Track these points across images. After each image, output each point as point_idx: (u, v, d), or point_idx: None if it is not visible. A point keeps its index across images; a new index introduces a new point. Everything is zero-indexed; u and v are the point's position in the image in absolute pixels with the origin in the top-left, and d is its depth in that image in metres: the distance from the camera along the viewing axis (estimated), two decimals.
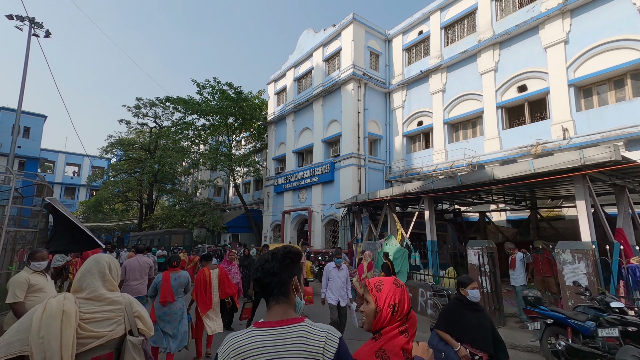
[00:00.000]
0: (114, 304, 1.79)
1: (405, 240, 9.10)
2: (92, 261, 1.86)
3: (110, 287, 1.84)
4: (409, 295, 1.43)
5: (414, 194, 8.49)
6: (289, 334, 1.10)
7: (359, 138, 16.30)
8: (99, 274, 1.81)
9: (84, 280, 1.77)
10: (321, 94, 18.11)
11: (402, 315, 1.35)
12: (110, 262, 1.91)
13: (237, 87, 21.12)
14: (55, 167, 39.84)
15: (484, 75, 13.52)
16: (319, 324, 1.20)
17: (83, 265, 1.86)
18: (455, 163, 13.71)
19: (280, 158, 22.05)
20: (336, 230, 17.01)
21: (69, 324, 1.58)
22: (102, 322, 1.71)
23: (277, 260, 1.23)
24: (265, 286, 1.22)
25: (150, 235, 22.29)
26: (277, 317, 1.17)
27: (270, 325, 1.13)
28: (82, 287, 1.76)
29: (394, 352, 1.29)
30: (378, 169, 16.96)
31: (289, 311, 1.20)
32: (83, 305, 1.70)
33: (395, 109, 17.28)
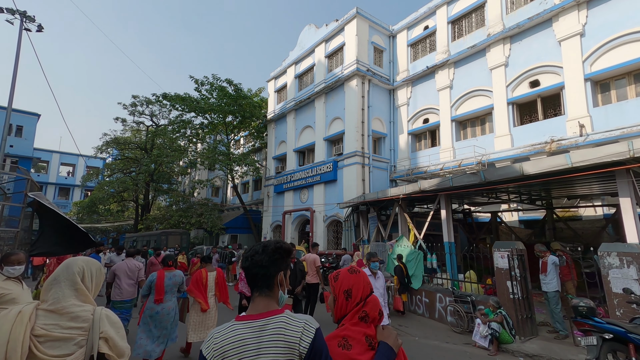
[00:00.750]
0: (77, 319, 1.45)
1: (419, 242, 8.51)
2: (63, 267, 1.56)
3: (82, 297, 1.52)
4: (367, 281, 1.42)
5: (431, 191, 7.90)
6: (268, 325, 1.14)
7: (363, 136, 15.71)
8: (67, 282, 1.51)
9: (49, 289, 1.49)
10: (323, 90, 17.51)
11: (357, 299, 1.37)
12: (84, 268, 1.58)
13: (236, 84, 20.45)
14: (49, 167, 38.83)
15: (494, 71, 12.99)
16: (299, 314, 1.23)
17: (55, 271, 1.57)
18: (464, 161, 13.16)
19: (281, 157, 21.41)
20: (339, 231, 16.40)
21: (21, 322, 1.34)
22: (59, 343, 1.40)
23: (267, 254, 1.26)
24: (252, 277, 1.26)
25: (146, 237, 21.49)
26: (259, 309, 1.21)
27: (252, 318, 1.17)
28: (47, 297, 1.48)
29: (357, 339, 1.28)
30: (382, 167, 16.38)
31: (271, 303, 1.23)
32: (40, 318, 1.41)
33: (399, 106, 16.72)
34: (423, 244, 8.39)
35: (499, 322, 5.13)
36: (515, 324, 5.27)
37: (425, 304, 7.40)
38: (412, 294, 7.83)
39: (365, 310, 1.34)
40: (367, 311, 1.33)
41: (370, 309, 1.34)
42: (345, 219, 14.88)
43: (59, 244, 6.31)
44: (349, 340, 1.27)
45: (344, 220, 14.93)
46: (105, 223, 31.71)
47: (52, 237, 6.30)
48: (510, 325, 5.15)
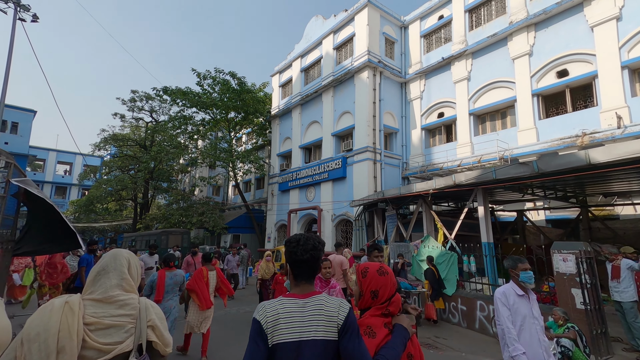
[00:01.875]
0: (125, 307, 1.42)
1: (450, 242, 7.59)
2: (109, 257, 1.54)
3: (127, 287, 1.50)
4: (393, 282, 1.56)
5: (467, 186, 6.99)
6: (310, 302, 1.38)
7: (374, 130, 14.80)
8: (116, 272, 1.49)
9: (98, 279, 1.46)
10: (331, 84, 16.59)
11: (383, 299, 1.53)
12: (129, 258, 1.57)
13: (240, 78, 19.47)
14: (45, 165, 37.65)
15: (517, 61, 12.12)
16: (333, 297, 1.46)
17: (98, 262, 1.54)
18: (485, 157, 12.28)
19: (286, 154, 20.45)
20: (349, 231, 15.47)
21: (72, 313, 1.28)
22: (110, 330, 1.35)
23: (320, 250, 1.50)
24: (311, 267, 1.46)
25: (145, 236, 20.45)
26: (304, 291, 1.43)
27: (297, 297, 1.40)
28: (95, 287, 1.44)
29: (379, 326, 1.48)
30: (394, 164, 15.47)
31: (312, 287, 1.47)
32: (89, 308, 1.36)
33: (412, 100, 15.83)
34: (455, 244, 7.48)
35: (572, 338, 4.22)
36: (588, 340, 4.35)
37: (461, 312, 6.48)
38: (445, 301, 6.92)
39: (390, 309, 1.53)
40: (390, 310, 1.53)
41: (394, 308, 1.54)
42: (355, 218, 13.96)
43: (47, 242, 5.37)
44: (373, 328, 1.47)
45: (355, 219, 14.01)
46: (102, 222, 30.63)
47: (40, 233, 5.37)
48: (584, 342, 4.24)
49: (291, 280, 1.49)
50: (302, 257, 1.45)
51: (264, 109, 21.56)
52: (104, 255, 1.55)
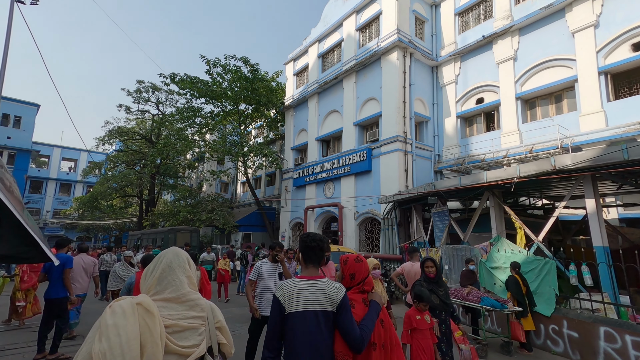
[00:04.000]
0: (196, 308, 1.30)
1: (535, 245, 5.87)
2: (171, 254, 1.40)
3: (192, 285, 1.37)
4: (367, 267, 2.03)
5: (573, 171, 5.23)
6: (317, 283, 1.80)
7: (404, 118, 13.06)
8: (181, 269, 1.35)
9: (164, 277, 1.30)
10: (354, 68, 14.87)
11: (358, 280, 1.99)
12: (188, 257, 1.45)
13: (253, 64, 17.79)
14: (49, 162, 36.34)
15: (577, 34, 10.32)
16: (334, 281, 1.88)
17: (157, 259, 1.38)
18: (537, 146, 10.52)
19: (301, 147, 18.77)
20: (375, 230, 13.77)
21: (151, 315, 1.12)
22: (186, 333, 1.23)
23: (324, 242, 2.05)
24: (317, 254, 1.92)
25: (152, 234, 18.91)
26: (312, 274, 1.88)
27: (307, 278, 1.84)
28: (162, 286, 1.28)
29: (358, 301, 1.94)
30: (425, 157, 13.73)
31: (318, 271, 1.92)
32: (161, 310, 1.20)
33: (445, 85, 14.06)
34: (545, 248, 5.76)
35: None
36: None
37: (569, 340, 4.77)
38: (539, 321, 5.21)
39: (365, 287, 2.00)
40: (365, 288, 2.00)
41: (368, 287, 2.01)
42: (384, 216, 12.26)
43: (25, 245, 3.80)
44: (353, 302, 1.92)
45: (383, 217, 12.30)
46: (107, 220, 29.21)
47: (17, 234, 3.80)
48: None
49: (302, 265, 1.95)
50: (311, 245, 1.92)
51: (277, 100, 19.88)
52: (164, 253, 1.41)
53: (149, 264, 1.40)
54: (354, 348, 1.72)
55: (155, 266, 1.34)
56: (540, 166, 5.55)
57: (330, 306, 1.72)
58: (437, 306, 3.51)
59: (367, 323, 1.82)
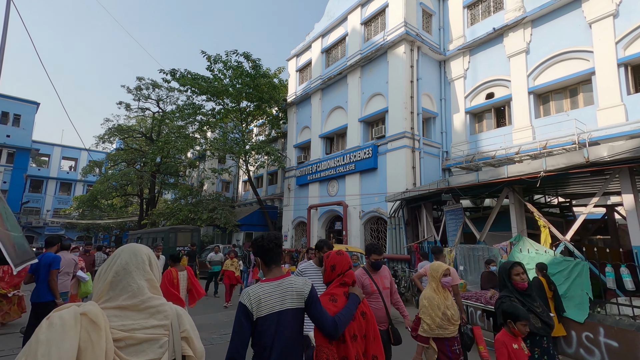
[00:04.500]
0: (157, 315, 1.10)
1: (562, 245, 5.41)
2: (127, 253, 1.16)
3: (153, 290, 1.14)
4: (347, 260, 2.11)
5: (608, 164, 4.76)
6: (283, 283, 1.79)
7: (412, 114, 12.60)
8: (139, 270, 1.13)
9: (119, 281, 1.09)
10: (359, 63, 14.41)
11: (339, 272, 2.07)
12: (149, 254, 1.21)
13: (255, 60, 17.33)
14: (50, 161, 35.99)
15: (595, 25, 9.84)
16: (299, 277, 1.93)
17: (110, 260, 1.15)
18: (551, 142, 10.05)
19: (304, 145, 18.33)
20: (381, 229, 13.31)
21: (96, 328, 0.94)
22: (143, 346, 1.03)
23: (280, 239, 1.96)
24: (277, 254, 1.88)
25: (152, 233, 18.48)
26: (276, 274, 1.84)
27: (271, 280, 1.80)
28: (116, 292, 1.07)
29: (339, 295, 2.01)
30: (433, 154, 13.26)
31: (281, 271, 1.88)
32: (113, 319, 1.01)
33: (453, 80, 13.59)
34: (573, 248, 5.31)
35: None
36: None
37: (607, 349, 4.31)
38: (570, 327, 4.76)
39: (345, 279, 2.06)
40: (346, 280, 2.06)
41: (348, 279, 2.07)
42: (390, 215, 11.80)
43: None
44: (335, 296, 1.99)
45: (389, 216, 11.85)
46: (107, 219, 28.81)
47: None
48: None
49: (263, 268, 1.88)
50: (269, 246, 1.86)
51: (279, 96, 19.44)
52: (118, 252, 1.17)
53: (102, 264, 1.17)
54: (329, 335, 1.79)
55: (107, 267, 1.12)
56: (571, 159, 5.09)
57: (298, 302, 1.77)
58: (539, 330, 2.64)
59: (345, 312, 1.89)
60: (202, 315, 7.27)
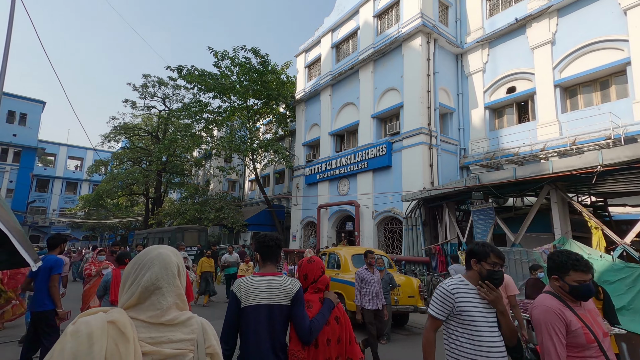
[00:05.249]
0: (184, 329, 1.01)
1: (620, 249, 4.78)
2: (159, 266, 1.02)
3: (182, 304, 1.05)
4: (319, 267, 2.15)
5: None
6: (273, 279, 1.86)
7: (429, 109, 11.97)
8: (169, 287, 1.02)
9: (146, 297, 0.98)
10: (371, 57, 13.80)
11: (311, 280, 2.10)
12: (179, 264, 1.09)
13: (263, 55, 16.78)
14: (56, 160, 35.78)
15: (631, 12, 9.14)
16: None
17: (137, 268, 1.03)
18: (580, 138, 9.38)
19: (312, 143, 17.76)
20: (395, 230, 12.69)
21: (124, 339, 0.87)
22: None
23: (280, 240, 2.04)
24: (275, 253, 1.99)
25: (158, 233, 18.02)
26: (269, 271, 1.93)
27: (264, 274, 1.89)
28: (142, 307, 0.98)
29: (315, 301, 2.04)
30: (451, 151, 12.62)
31: (275, 268, 1.97)
32: (142, 330, 0.94)
33: (471, 74, 12.93)
34: (634, 252, 4.68)
35: None
36: None
37: None
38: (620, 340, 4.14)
39: (319, 286, 2.11)
40: (319, 287, 2.11)
41: (322, 285, 2.12)
42: (406, 215, 11.19)
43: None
44: (310, 302, 2.01)
45: (405, 216, 11.23)
46: (113, 219, 28.49)
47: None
48: None
49: (260, 263, 2.00)
50: (269, 244, 1.97)
51: (287, 93, 18.88)
52: (147, 261, 1.02)
53: (127, 267, 1.04)
54: (302, 339, 1.85)
55: (134, 280, 0.98)
56: (637, 151, 4.46)
57: (285, 300, 1.82)
58: None
59: (318, 318, 1.94)
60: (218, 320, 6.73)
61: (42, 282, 4.15)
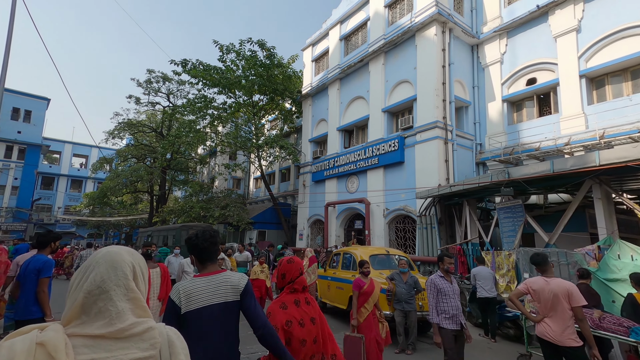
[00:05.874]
0: (141, 343, 0.82)
1: None
2: (105, 265, 0.87)
3: (139, 310, 0.87)
4: (297, 267, 2.15)
5: None
6: (217, 278, 1.76)
7: (444, 102, 11.36)
8: (119, 289, 0.85)
9: (92, 304, 0.82)
10: (383, 48, 13.20)
11: (289, 280, 2.11)
12: (134, 264, 0.92)
13: (269, 48, 16.22)
14: (61, 158, 35.61)
15: None
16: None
17: (81, 272, 0.88)
18: (610, 131, 8.74)
19: (320, 139, 17.22)
20: (408, 229, 12.11)
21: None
22: None
23: (215, 237, 1.91)
24: (212, 252, 1.86)
25: (163, 231, 17.61)
26: (210, 270, 1.82)
27: (205, 275, 1.78)
28: (89, 317, 0.81)
29: (290, 302, 2.06)
30: (466, 146, 12.00)
31: (216, 267, 1.86)
32: (81, 350, 0.76)
33: (488, 65, 12.28)
34: None
35: None
36: None
37: None
38: None
39: (295, 287, 2.11)
40: (296, 287, 2.11)
41: (298, 286, 2.12)
42: (420, 213, 10.62)
43: None
44: (286, 303, 2.05)
45: (419, 215, 10.67)
46: (117, 217, 28.18)
47: None
48: None
49: (198, 265, 1.86)
50: (203, 245, 1.83)
51: (294, 88, 18.33)
52: (91, 263, 0.87)
53: (75, 273, 0.88)
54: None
55: (78, 282, 0.83)
56: None
57: (233, 296, 1.76)
58: None
59: (279, 344, 1.80)
60: None
61: (29, 286, 3.65)
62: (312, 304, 2.13)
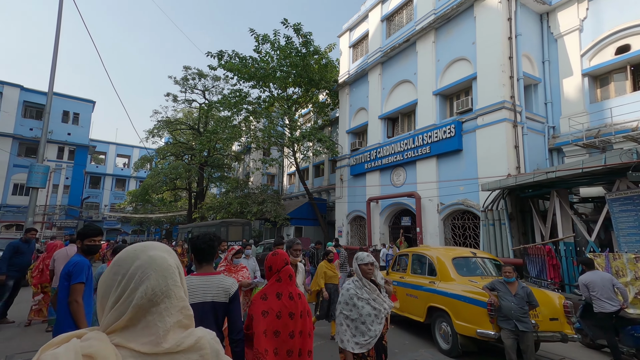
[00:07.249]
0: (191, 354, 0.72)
1: None
2: (154, 270, 0.73)
3: (186, 320, 0.76)
4: (282, 259, 2.24)
5: None
6: (211, 279, 1.94)
7: (511, 79, 9.77)
8: (170, 300, 0.73)
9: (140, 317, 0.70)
10: (433, 25, 11.75)
11: (274, 270, 2.20)
12: (177, 265, 0.79)
13: (305, 34, 15.26)
14: (106, 158, 37.45)
15: None
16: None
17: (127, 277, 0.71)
18: None
19: (358, 130, 16.08)
20: (468, 226, 10.68)
21: None
22: None
23: (214, 240, 2.07)
24: (210, 253, 2.04)
25: (202, 227, 17.46)
26: (207, 271, 2.01)
27: (201, 275, 1.96)
28: (135, 332, 0.69)
29: (271, 293, 2.13)
30: (537, 129, 10.32)
31: (211, 268, 2.05)
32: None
33: (562, 35, 10.44)
34: None
35: None
36: None
37: None
38: None
39: (280, 275, 2.19)
40: (281, 277, 2.19)
41: (283, 276, 2.20)
42: (485, 208, 9.20)
43: None
44: (267, 294, 2.13)
45: (483, 209, 9.25)
46: (158, 213, 28.93)
47: None
48: None
49: (196, 264, 2.05)
50: (202, 247, 2.02)
51: (330, 77, 17.30)
52: (139, 270, 0.71)
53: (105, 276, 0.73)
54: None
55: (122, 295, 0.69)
56: None
57: (224, 297, 1.91)
58: None
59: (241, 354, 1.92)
60: None
61: (61, 296, 2.89)
62: (296, 299, 2.17)
